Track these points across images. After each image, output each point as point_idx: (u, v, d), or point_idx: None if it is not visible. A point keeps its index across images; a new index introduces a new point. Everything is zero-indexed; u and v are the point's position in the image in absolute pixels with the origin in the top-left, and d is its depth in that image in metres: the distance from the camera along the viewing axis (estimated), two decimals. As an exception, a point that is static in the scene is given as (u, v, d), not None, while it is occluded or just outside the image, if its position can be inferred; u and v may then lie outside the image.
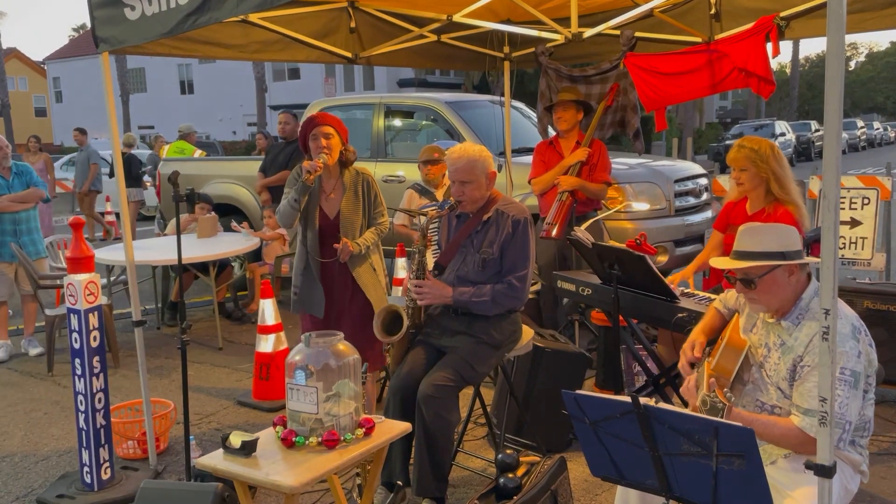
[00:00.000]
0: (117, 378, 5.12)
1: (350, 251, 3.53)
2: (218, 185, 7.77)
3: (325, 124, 3.56)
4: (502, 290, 3.07)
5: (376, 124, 7.11)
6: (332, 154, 3.55)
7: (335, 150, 3.56)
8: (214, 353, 5.71)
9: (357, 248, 3.57)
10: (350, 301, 3.66)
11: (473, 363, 3.04)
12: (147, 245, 6.21)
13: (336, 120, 3.62)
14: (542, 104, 5.22)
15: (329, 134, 3.55)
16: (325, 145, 3.53)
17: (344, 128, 3.64)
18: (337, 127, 3.59)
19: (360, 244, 3.60)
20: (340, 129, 3.61)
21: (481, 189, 3.15)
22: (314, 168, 3.44)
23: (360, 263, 3.66)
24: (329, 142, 3.54)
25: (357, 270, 3.64)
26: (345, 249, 3.52)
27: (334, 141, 3.56)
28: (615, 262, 3.39)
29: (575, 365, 3.70)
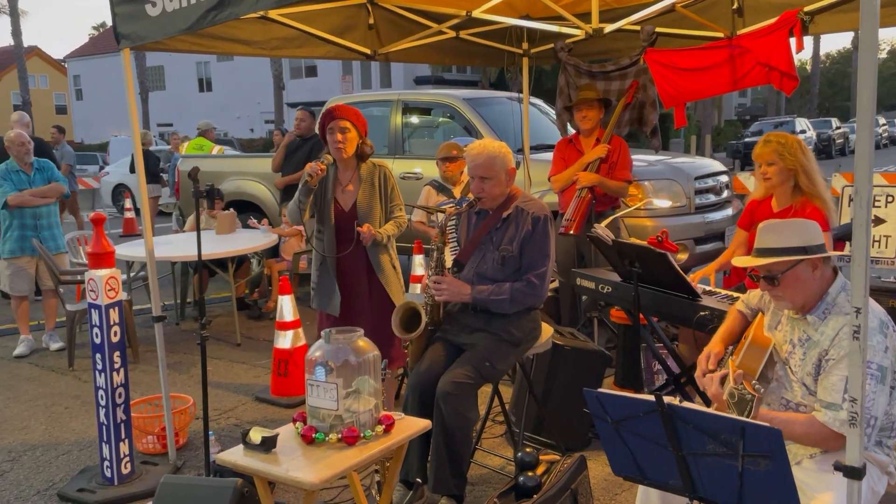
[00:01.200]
0: (136, 373, 5.16)
1: (373, 236, 3.53)
2: (236, 182, 7.80)
3: (343, 118, 3.56)
4: (521, 288, 3.06)
5: (394, 121, 7.10)
6: (347, 148, 3.55)
7: (351, 144, 3.57)
8: (233, 349, 5.73)
9: (381, 237, 3.58)
10: (368, 298, 3.66)
11: (492, 360, 3.03)
12: (166, 241, 6.24)
13: (354, 113, 3.61)
14: (561, 101, 5.18)
15: (346, 128, 3.55)
16: (341, 139, 3.54)
17: (363, 120, 3.64)
18: (355, 120, 3.59)
19: (383, 233, 3.60)
20: (359, 122, 3.60)
21: (501, 185, 3.13)
22: (315, 171, 3.45)
23: (382, 259, 3.66)
24: (345, 136, 3.54)
25: (379, 264, 3.64)
26: (368, 234, 3.52)
27: (351, 135, 3.56)
28: (636, 260, 3.36)
29: (594, 363, 3.68)
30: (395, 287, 3.69)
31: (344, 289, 3.65)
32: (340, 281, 3.65)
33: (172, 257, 5.65)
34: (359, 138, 3.61)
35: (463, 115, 6.71)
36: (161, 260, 5.34)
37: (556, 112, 5.39)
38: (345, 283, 3.65)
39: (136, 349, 5.52)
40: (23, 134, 5.77)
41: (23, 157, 5.72)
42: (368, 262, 3.65)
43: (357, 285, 3.65)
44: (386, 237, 3.61)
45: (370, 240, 3.54)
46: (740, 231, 3.76)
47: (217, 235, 6.38)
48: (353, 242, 3.56)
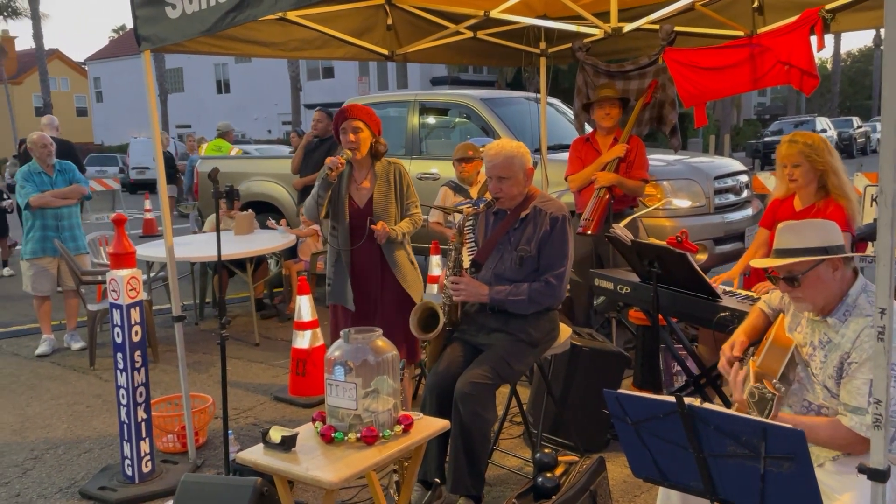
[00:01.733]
0: (156, 373, 5.20)
1: (387, 233, 3.55)
2: (255, 184, 7.85)
3: (355, 118, 3.58)
4: (539, 289, 3.05)
5: (410, 122, 7.11)
6: (361, 148, 3.57)
7: (364, 144, 3.59)
8: (251, 348, 5.77)
9: (395, 234, 3.59)
10: (382, 293, 3.68)
11: (510, 361, 3.03)
12: (186, 242, 6.29)
13: (367, 112, 3.63)
14: (579, 100, 5.16)
15: (358, 128, 3.57)
16: (353, 140, 3.56)
17: (376, 119, 3.65)
18: (367, 120, 3.60)
19: (398, 231, 3.62)
20: (371, 121, 3.62)
21: (519, 185, 3.13)
22: (335, 165, 3.46)
23: (397, 255, 3.68)
24: (358, 136, 3.56)
25: (395, 261, 3.66)
26: (382, 231, 3.54)
27: (363, 135, 3.58)
28: (655, 260, 3.34)
29: (613, 364, 3.66)
30: (413, 283, 3.71)
31: (358, 284, 3.67)
32: (354, 277, 3.67)
33: (192, 258, 5.69)
34: (372, 137, 3.62)
35: (480, 115, 6.71)
36: (181, 260, 5.39)
37: (574, 112, 5.37)
38: (359, 279, 3.67)
39: (156, 349, 5.57)
40: (45, 136, 5.84)
41: (45, 158, 5.79)
42: (382, 258, 3.67)
43: (371, 281, 3.67)
44: (401, 234, 3.63)
45: (384, 237, 3.56)
46: (762, 230, 3.72)
47: (235, 236, 6.42)
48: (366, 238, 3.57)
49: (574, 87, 5.31)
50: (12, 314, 7.30)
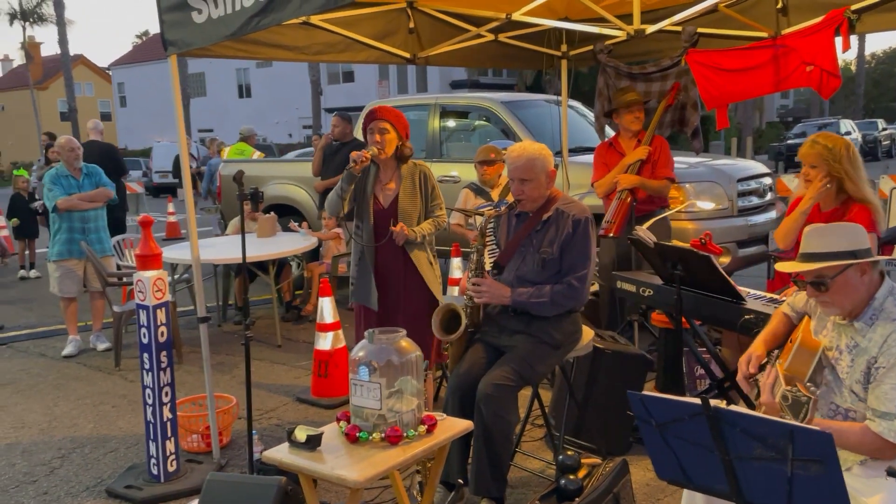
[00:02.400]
0: (181, 373, 5.26)
1: (406, 235, 3.58)
2: (276, 186, 7.92)
3: (383, 119, 3.61)
4: (561, 291, 3.06)
5: (431, 125, 7.14)
6: (386, 149, 3.60)
7: (389, 145, 3.62)
8: (273, 350, 5.81)
9: (414, 235, 3.62)
10: (404, 293, 3.71)
11: (533, 363, 3.03)
12: (210, 244, 6.35)
13: (396, 115, 3.67)
14: (600, 103, 5.15)
15: (385, 129, 3.61)
16: (379, 140, 3.59)
17: (404, 122, 3.69)
18: (395, 121, 3.64)
19: (417, 232, 3.64)
20: (399, 123, 3.65)
21: (541, 187, 3.14)
22: (360, 158, 3.48)
23: (419, 256, 3.70)
24: (384, 137, 3.60)
25: (416, 260, 3.69)
26: (400, 233, 3.57)
27: (389, 136, 3.61)
28: (678, 262, 3.32)
29: (636, 367, 3.65)
30: (434, 283, 3.74)
31: (381, 284, 3.69)
32: (378, 277, 3.70)
33: (215, 260, 5.75)
34: (398, 140, 3.65)
35: (501, 117, 6.72)
36: (204, 262, 5.42)
37: (595, 115, 5.35)
38: (382, 279, 3.70)
39: (180, 350, 5.63)
40: (72, 139, 5.93)
41: (72, 161, 5.88)
42: (406, 259, 3.70)
43: (394, 282, 3.70)
44: (420, 235, 3.65)
45: (402, 238, 3.59)
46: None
47: (258, 238, 6.47)
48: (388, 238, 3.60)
49: (594, 89, 5.31)
50: (39, 315, 7.42)
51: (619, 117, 4.73)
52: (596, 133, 5.54)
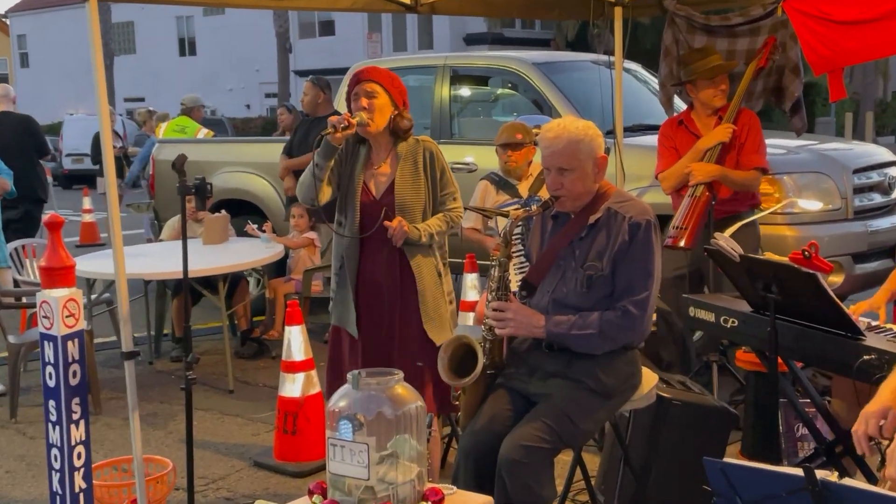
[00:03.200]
0: (98, 427, 5.25)
1: (406, 233, 3.58)
2: (229, 176, 7.94)
3: (370, 80, 3.63)
4: (615, 320, 3.06)
5: (438, 94, 7.16)
6: (375, 118, 3.61)
7: (380, 114, 3.63)
8: (224, 396, 5.82)
9: (417, 234, 3.62)
10: (399, 316, 3.71)
11: (574, 417, 3.03)
12: (138, 253, 6.37)
13: (388, 76, 3.69)
14: (667, 65, 5.17)
15: (373, 92, 3.62)
16: (366, 105, 3.60)
17: (399, 86, 3.71)
18: (388, 84, 3.66)
19: (422, 230, 3.64)
20: (393, 87, 3.67)
21: (586, 180, 3.14)
22: (341, 122, 3.49)
23: (423, 264, 3.71)
24: (372, 103, 3.61)
25: (418, 271, 3.69)
26: (399, 230, 3.57)
27: (379, 101, 3.63)
28: (773, 283, 3.32)
29: (714, 424, 3.65)
30: (442, 305, 3.75)
31: (367, 303, 3.71)
32: (363, 291, 3.71)
33: (147, 274, 5.77)
34: (392, 108, 3.67)
35: (532, 84, 6.73)
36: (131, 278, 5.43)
37: (660, 81, 5.36)
38: (369, 296, 3.71)
39: (98, 396, 5.64)
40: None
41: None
42: (404, 267, 3.71)
43: (386, 300, 3.71)
44: (427, 235, 3.66)
45: (401, 237, 3.60)
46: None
47: (205, 246, 6.48)
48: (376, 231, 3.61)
49: (659, 47, 5.31)
50: None
51: (695, 89, 4.73)
52: (661, 106, 5.54)
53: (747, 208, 4.76)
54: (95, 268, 5.81)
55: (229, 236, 6.76)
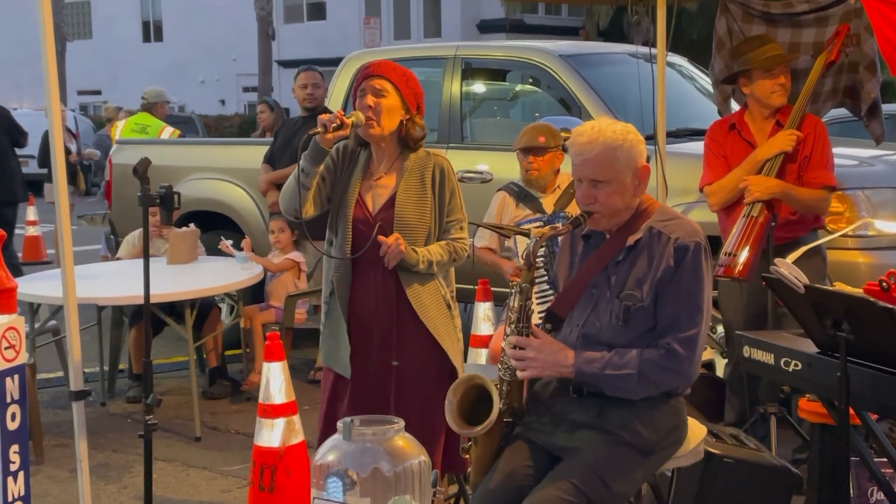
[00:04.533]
0: (40, 480, 5.24)
1: (402, 253, 3.59)
2: (200, 184, 7.96)
3: (380, 76, 3.65)
4: (657, 360, 3.06)
5: (448, 90, 7.18)
6: (381, 121, 3.63)
7: (388, 117, 3.65)
8: (189, 445, 5.80)
9: (414, 258, 3.63)
10: (399, 352, 3.72)
11: (606, 478, 3.02)
12: (91, 273, 6.37)
13: (402, 74, 3.72)
14: (721, 60, 5.17)
15: (382, 90, 3.64)
16: (372, 105, 3.62)
17: (415, 87, 3.75)
18: (400, 84, 3.68)
19: (421, 255, 3.65)
20: (407, 88, 3.70)
21: (625, 194, 3.15)
22: (333, 121, 3.51)
23: (422, 293, 3.71)
24: (379, 102, 3.63)
25: (416, 300, 3.69)
26: (395, 248, 3.57)
27: (388, 102, 3.65)
28: (844, 319, 3.31)
29: (773, 486, 3.64)
30: (450, 340, 3.75)
31: (360, 337, 3.71)
32: (355, 323, 3.71)
33: (100, 299, 5.75)
34: (403, 111, 3.69)
35: (558, 80, 6.74)
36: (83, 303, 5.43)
37: (712, 78, 5.36)
38: (362, 329, 3.71)
39: (41, 443, 5.63)
40: None
41: None
42: (400, 296, 3.71)
43: (382, 333, 3.72)
44: (426, 262, 3.66)
45: (396, 257, 3.60)
46: None
47: (169, 265, 6.48)
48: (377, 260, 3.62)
49: (710, 38, 5.31)
50: None
51: (749, 83, 4.72)
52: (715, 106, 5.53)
53: (808, 232, 4.74)
54: (40, 290, 5.81)
55: (198, 255, 6.76)
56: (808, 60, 4.87)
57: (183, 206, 7.58)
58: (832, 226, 5.25)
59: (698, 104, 6.83)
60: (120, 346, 6.81)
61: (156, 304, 5.80)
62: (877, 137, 5.14)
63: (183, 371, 7.01)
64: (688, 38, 21.75)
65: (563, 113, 6.66)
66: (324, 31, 35.91)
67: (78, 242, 4.77)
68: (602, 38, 26.74)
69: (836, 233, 4.91)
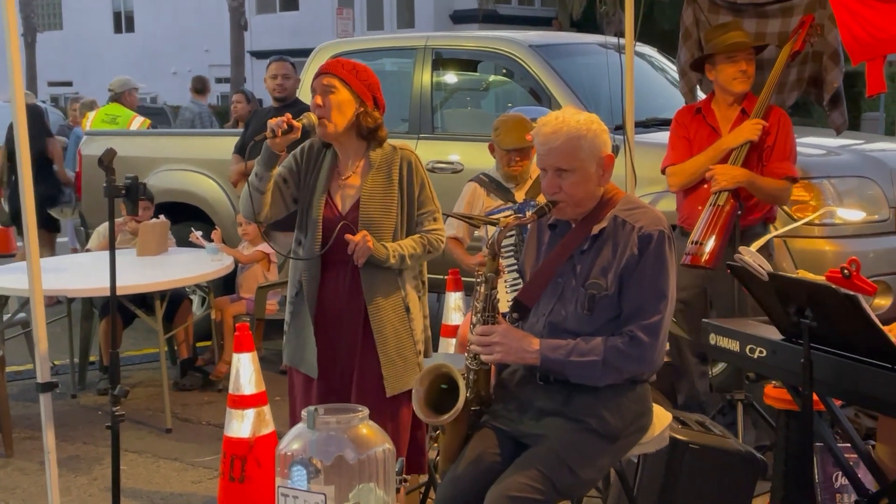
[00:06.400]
0: (10, 473, 5.23)
1: (369, 250, 3.57)
2: (170, 175, 7.92)
3: (327, 73, 3.65)
4: (621, 347, 3.07)
5: (419, 81, 7.16)
6: (332, 117, 3.62)
7: (339, 113, 3.63)
8: (160, 437, 5.78)
9: (384, 254, 3.61)
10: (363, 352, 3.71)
11: (573, 464, 3.03)
12: (59, 266, 6.32)
13: (350, 68, 3.70)
14: (688, 50, 5.18)
15: (330, 87, 3.63)
16: (321, 104, 3.61)
17: (367, 79, 3.72)
18: (347, 77, 3.66)
19: (391, 250, 3.63)
20: (357, 81, 3.68)
21: (589, 183, 3.16)
22: (281, 125, 3.50)
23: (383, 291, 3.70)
24: (327, 99, 3.61)
25: (376, 303, 3.68)
26: (362, 245, 3.55)
27: (338, 98, 3.63)
28: (808, 306, 3.32)
29: (738, 472, 3.66)
30: (397, 349, 3.74)
31: (327, 336, 3.71)
32: (323, 323, 3.71)
33: (69, 291, 5.70)
34: (357, 104, 3.67)
35: (529, 70, 6.73)
36: (50, 294, 5.41)
37: (679, 68, 5.38)
38: (329, 328, 3.71)
39: (9, 435, 5.59)
40: None
41: None
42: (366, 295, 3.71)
43: (348, 332, 3.71)
44: (396, 256, 3.65)
45: (364, 255, 3.58)
46: None
47: (139, 257, 6.46)
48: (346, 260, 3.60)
49: (678, 29, 5.33)
50: None
51: (713, 69, 4.73)
52: (683, 97, 5.55)
53: (760, 222, 4.78)
54: (8, 283, 5.78)
55: (169, 246, 6.73)
56: (774, 50, 4.90)
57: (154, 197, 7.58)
58: (798, 214, 5.28)
59: (668, 94, 6.84)
60: (90, 338, 6.77)
61: (126, 296, 5.78)
62: (837, 128, 5.17)
63: (154, 363, 6.98)
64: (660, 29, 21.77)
65: (533, 103, 6.65)
66: (297, 22, 35.76)
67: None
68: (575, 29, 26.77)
69: (800, 221, 4.95)
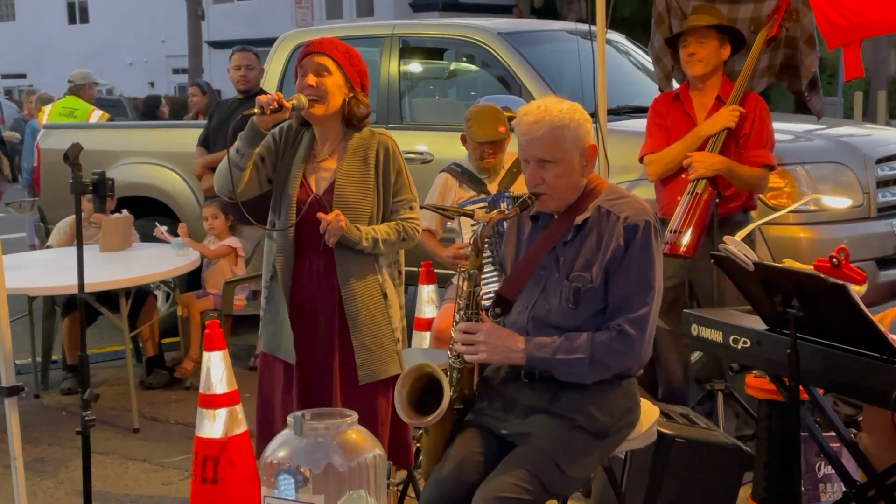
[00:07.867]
0: (-27, 477, 5.15)
1: (342, 230, 3.55)
2: (132, 168, 7.85)
3: (322, 52, 3.63)
4: (608, 343, 3.06)
5: (385, 70, 7.15)
6: (326, 99, 3.62)
7: (332, 96, 3.63)
8: (127, 437, 5.75)
9: (356, 235, 3.59)
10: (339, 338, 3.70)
11: (561, 463, 3.03)
12: (22, 262, 6.23)
13: (345, 51, 3.70)
14: (660, 35, 5.16)
15: (324, 67, 3.62)
16: (314, 85, 3.59)
17: (358, 65, 3.73)
18: (343, 61, 3.66)
19: (364, 232, 3.62)
20: (350, 66, 3.68)
21: (572, 174, 3.15)
22: (270, 103, 3.48)
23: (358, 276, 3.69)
24: (322, 81, 3.60)
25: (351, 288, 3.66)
26: (335, 224, 3.53)
27: (331, 81, 3.63)
28: (793, 296, 3.31)
29: (725, 463, 3.69)
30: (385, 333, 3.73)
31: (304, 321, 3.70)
32: (297, 308, 3.70)
33: (30, 289, 5.64)
34: (347, 89, 3.66)
35: (497, 58, 6.72)
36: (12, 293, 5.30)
37: (653, 54, 5.35)
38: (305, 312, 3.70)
39: (-28, 438, 5.51)
40: None
41: None
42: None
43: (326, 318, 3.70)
44: (370, 240, 3.63)
45: (336, 235, 3.56)
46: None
47: (102, 253, 6.42)
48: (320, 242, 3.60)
49: (640, 15, 5.30)
50: None
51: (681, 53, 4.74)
52: (655, 84, 5.54)
53: (740, 210, 4.77)
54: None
55: (132, 241, 6.70)
56: (750, 36, 4.88)
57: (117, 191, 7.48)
58: (773, 201, 5.29)
59: (637, 81, 6.85)
60: (53, 337, 6.73)
61: (89, 293, 5.69)
62: (817, 112, 5.19)
63: (119, 361, 6.94)
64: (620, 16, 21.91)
65: (502, 91, 6.63)
66: (254, 11, 35.67)
67: (4, 230, 4.65)
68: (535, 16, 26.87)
69: (784, 209, 4.93)
